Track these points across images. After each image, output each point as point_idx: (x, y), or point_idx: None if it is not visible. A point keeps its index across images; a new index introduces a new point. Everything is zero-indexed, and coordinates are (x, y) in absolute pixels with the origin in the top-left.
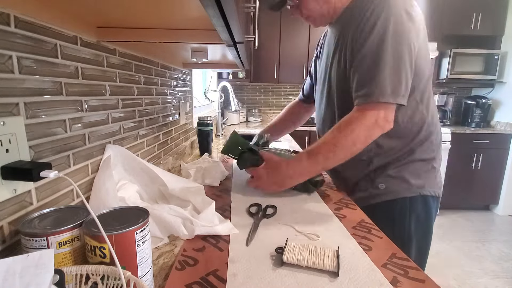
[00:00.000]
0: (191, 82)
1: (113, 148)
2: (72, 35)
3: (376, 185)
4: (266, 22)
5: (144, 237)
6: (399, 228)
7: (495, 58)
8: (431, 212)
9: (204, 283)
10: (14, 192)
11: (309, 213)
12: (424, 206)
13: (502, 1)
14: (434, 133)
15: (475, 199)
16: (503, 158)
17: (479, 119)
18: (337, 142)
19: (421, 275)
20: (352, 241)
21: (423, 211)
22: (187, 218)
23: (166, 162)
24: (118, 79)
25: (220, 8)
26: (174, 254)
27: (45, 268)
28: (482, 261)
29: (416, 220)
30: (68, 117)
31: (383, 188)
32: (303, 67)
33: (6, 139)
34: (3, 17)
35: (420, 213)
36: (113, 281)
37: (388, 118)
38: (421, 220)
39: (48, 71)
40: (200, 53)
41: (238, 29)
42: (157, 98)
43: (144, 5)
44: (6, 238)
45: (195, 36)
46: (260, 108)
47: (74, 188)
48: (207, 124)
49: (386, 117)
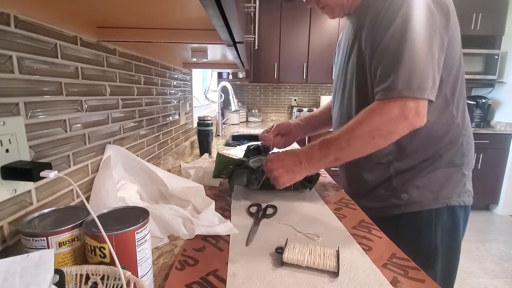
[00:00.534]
0: (191, 82)
1: (113, 148)
2: (72, 35)
3: (398, 195)
4: (266, 22)
5: (144, 237)
6: (425, 241)
7: (495, 58)
8: (459, 222)
9: (204, 283)
10: (14, 192)
11: (309, 213)
12: (450, 217)
13: (502, 1)
14: (465, 135)
15: (475, 199)
16: (503, 158)
17: (479, 119)
18: (353, 132)
19: (421, 275)
20: (352, 241)
21: (449, 221)
22: (187, 218)
23: (166, 162)
24: (118, 79)
25: (220, 8)
26: (174, 254)
27: (45, 268)
28: (482, 261)
29: (441, 231)
30: (68, 117)
31: (406, 199)
32: (303, 67)
33: (6, 139)
34: (3, 17)
35: (446, 224)
36: (113, 281)
37: (419, 111)
38: (447, 231)
39: (48, 71)
40: (200, 53)
41: (238, 29)
42: (157, 98)
43: (144, 5)
44: (6, 238)
45: (195, 36)
46: (260, 108)
47: (74, 188)
48: (207, 124)
49: (416, 108)
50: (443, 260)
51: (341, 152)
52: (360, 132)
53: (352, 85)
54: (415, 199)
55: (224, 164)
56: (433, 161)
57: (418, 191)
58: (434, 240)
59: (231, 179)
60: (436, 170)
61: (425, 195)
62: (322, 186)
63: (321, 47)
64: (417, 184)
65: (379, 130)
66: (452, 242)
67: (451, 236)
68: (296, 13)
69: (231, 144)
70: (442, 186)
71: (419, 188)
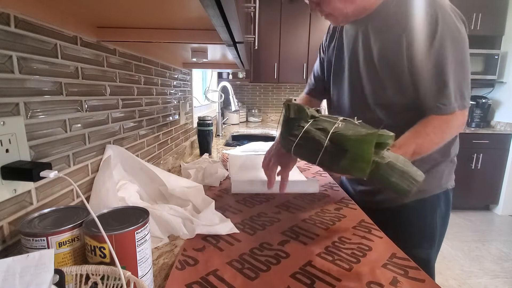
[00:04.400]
0: (191, 82)
1: (113, 148)
2: (72, 35)
3: None
4: (266, 22)
5: (144, 237)
6: (430, 223)
7: (495, 58)
8: (450, 203)
9: (204, 283)
10: (14, 192)
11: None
12: (445, 199)
13: (502, 1)
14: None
15: (475, 199)
16: (503, 158)
17: (479, 119)
18: (435, 140)
19: (421, 275)
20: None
21: (445, 204)
22: (187, 217)
23: (166, 162)
24: (118, 79)
25: (220, 8)
26: (174, 254)
27: (45, 268)
28: (482, 261)
29: (440, 213)
30: (68, 117)
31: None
32: (303, 67)
33: (6, 139)
34: (3, 17)
35: (443, 206)
36: (113, 281)
37: (466, 119)
38: (443, 212)
39: (48, 71)
40: (200, 53)
41: (238, 29)
42: (157, 98)
43: (144, 5)
44: (6, 238)
45: (195, 36)
46: (260, 108)
47: (74, 188)
48: (207, 124)
49: (466, 118)
50: (439, 237)
51: (419, 153)
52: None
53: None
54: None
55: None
56: (441, 160)
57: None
58: (436, 221)
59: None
60: (441, 164)
61: (431, 183)
62: (322, 186)
63: None
64: (430, 176)
65: (445, 140)
66: (445, 220)
67: (446, 215)
68: (296, 13)
69: (231, 144)
70: (443, 175)
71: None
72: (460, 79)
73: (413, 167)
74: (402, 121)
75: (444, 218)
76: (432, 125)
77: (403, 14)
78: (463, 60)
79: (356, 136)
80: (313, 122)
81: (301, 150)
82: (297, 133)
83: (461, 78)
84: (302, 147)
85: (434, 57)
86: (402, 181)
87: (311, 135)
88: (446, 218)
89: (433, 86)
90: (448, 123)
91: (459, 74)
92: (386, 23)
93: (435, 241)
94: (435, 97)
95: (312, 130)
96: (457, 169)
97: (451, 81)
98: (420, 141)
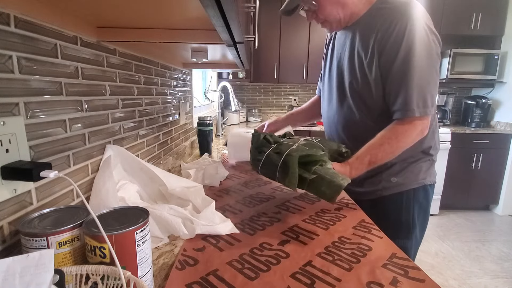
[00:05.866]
0: (191, 82)
1: (113, 148)
2: (72, 35)
3: (388, 179)
4: (266, 22)
5: (144, 237)
6: (406, 215)
7: (495, 58)
8: (430, 198)
9: (204, 283)
10: (14, 192)
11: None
12: (424, 195)
13: (502, 1)
14: (437, 130)
15: (475, 199)
16: (503, 158)
17: (479, 119)
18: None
19: (421, 275)
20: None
21: (424, 199)
22: (187, 217)
23: (166, 162)
24: (118, 79)
25: (220, 8)
26: (174, 254)
27: (45, 268)
28: (482, 261)
29: (418, 207)
30: (68, 117)
31: (395, 181)
32: (303, 67)
33: (6, 139)
34: (3, 17)
35: (422, 201)
36: (113, 281)
37: (427, 126)
38: (423, 206)
39: (48, 71)
40: (200, 53)
41: (238, 29)
42: (157, 98)
43: (144, 5)
44: (6, 238)
45: (195, 36)
46: (260, 108)
47: (74, 188)
48: (207, 124)
49: (426, 124)
50: (419, 229)
51: (374, 162)
52: (396, 151)
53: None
54: (400, 182)
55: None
56: (419, 157)
57: (404, 176)
58: (413, 214)
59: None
60: (419, 161)
61: (409, 178)
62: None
63: (321, 47)
64: (407, 171)
65: (403, 148)
66: (425, 214)
67: (425, 210)
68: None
69: None
70: (420, 171)
71: (405, 174)
72: (423, 87)
73: (339, 176)
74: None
75: (424, 212)
76: (387, 136)
77: (377, 23)
78: (429, 70)
79: (289, 158)
80: (276, 147)
81: (264, 171)
82: (260, 158)
83: (424, 86)
84: (265, 168)
85: (398, 64)
86: (330, 188)
87: (270, 158)
88: (426, 213)
89: (396, 92)
90: (405, 133)
91: (423, 83)
92: (368, 31)
93: (411, 232)
94: (397, 102)
95: (271, 154)
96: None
97: (413, 88)
98: (375, 152)
